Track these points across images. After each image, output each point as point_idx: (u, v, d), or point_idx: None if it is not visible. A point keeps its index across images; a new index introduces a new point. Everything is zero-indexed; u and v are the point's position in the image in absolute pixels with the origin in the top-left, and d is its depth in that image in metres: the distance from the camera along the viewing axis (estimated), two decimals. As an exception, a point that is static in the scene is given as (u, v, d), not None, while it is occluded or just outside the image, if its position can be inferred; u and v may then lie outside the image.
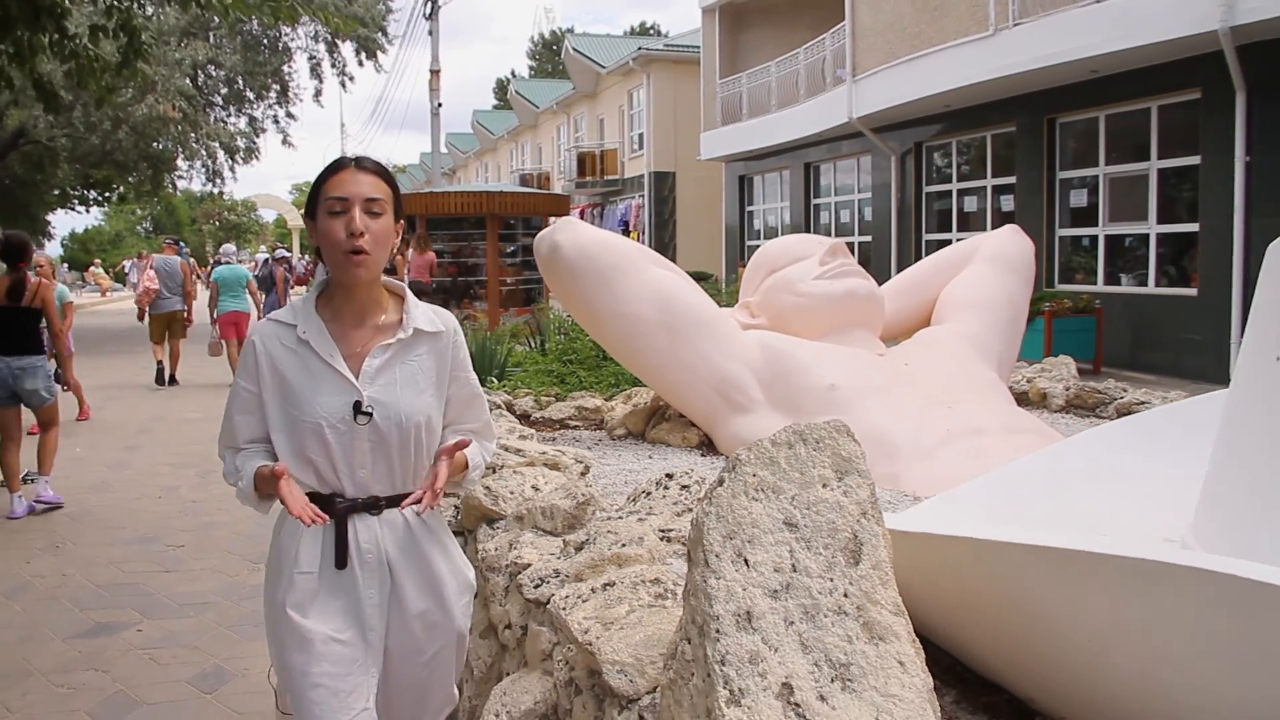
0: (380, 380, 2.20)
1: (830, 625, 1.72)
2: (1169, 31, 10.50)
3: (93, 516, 6.68)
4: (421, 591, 2.27)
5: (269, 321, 2.26)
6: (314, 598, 2.19)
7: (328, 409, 2.16)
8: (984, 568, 1.98)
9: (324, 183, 2.19)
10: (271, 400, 2.20)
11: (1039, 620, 1.89)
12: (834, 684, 1.67)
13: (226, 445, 2.29)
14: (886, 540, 1.83)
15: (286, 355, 2.20)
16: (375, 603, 2.22)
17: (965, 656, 2.28)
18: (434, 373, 2.28)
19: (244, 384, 2.23)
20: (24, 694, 3.97)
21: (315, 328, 2.21)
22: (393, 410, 2.19)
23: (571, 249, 4.79)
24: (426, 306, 2.33)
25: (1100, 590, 1.74)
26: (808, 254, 5.34)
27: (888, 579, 1.79)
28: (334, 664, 2.17)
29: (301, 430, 2.17)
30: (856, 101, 16.30)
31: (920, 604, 2.37)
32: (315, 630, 2.17)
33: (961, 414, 4.45)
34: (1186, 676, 1.68)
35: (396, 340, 2.23)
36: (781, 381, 4.65)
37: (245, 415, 2.24)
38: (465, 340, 2.41)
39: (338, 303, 2.25)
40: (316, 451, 2.18)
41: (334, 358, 2.18)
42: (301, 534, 2.20)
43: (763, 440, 1.87)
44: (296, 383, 2.18)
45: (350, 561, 2.20)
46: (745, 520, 1.80)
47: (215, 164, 25.26)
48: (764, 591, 1.74)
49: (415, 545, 2.27)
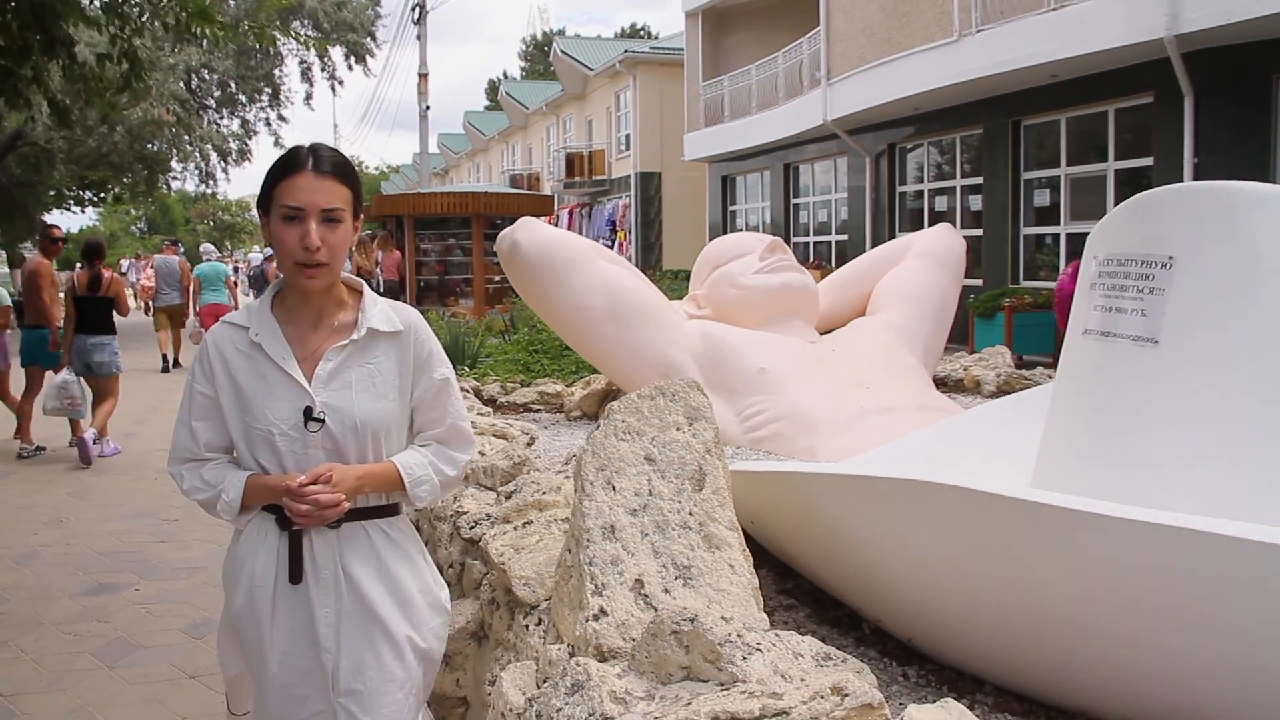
0: (334, 384, 2.09)
1: (676, 536, 2.22)
2: (1119, 39, 11.00)
3: (94, 495, 7.20)
4: (387, 610, 2.14)
5: (223, 323, 2.15)
6: (270, 611, 2.10)
7: (278, 415, 2.06)
8: (800, 496, 2.49)
9: (277, 183, 2.04)
10: (229, 406, 2.10)
11: (835, 534, 2.39)
12: (677, 580, 2.16)
13: (186, 458, 2.15)
14: (725, 472, 2.32)
15: (239, 358, 2.09)
16: (330, 622, 2.10)
17: (813, 577, 2.78)
18: (394, 374, 2.16)
19: (200, 388, 2.12)
20: (36, 640, 4.50)
21: (269, 330, 2.10)
22: (346, 416, 2.08)
23: (529, 246, 5.25)
24: (386, 304, 2.21)
25: (874, 508, 2.25)
26: (749, 250, 5.82)
27: (725, 502, 2.28)
28: (288, 675, 2.11)
29: (253, 437, 2.08)
30: (831, 104, 16.80)
31: (776, 535, 2.88)
32: (269, 644, 2.11)
33: (877, 394, 4.93)
34: (940, 575, 2.19)
35: (350, 341, 2.11)
36: (717, 366, 5.12)
37: (203, 421, 2.13)
38: (434, 335, 2.29)
39: (292, 303, 2.14)
40: (269, 460, 2.08)
41: (286, 361, 2.07)
42: (257, 546, 2.12)
43: (630, 394, 2.37)
44: (249, 388, 2.08)
45: (305, 577, 2.09)
46: (614, 456, 2.30)
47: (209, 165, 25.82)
48: (626, 510, 2.24)
49: (380, 562, 2.15)
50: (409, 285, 17.29)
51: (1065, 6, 11.66)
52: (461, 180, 50.54)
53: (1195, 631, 1.82)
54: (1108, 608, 1.91)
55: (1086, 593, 1.93)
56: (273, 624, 2.11)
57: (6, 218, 26.07)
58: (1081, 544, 1.90)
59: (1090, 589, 1.92)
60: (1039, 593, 2.01)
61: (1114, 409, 2.64)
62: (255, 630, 2.12)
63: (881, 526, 2.28)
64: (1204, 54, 10.76)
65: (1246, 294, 2.44)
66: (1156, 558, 1.82)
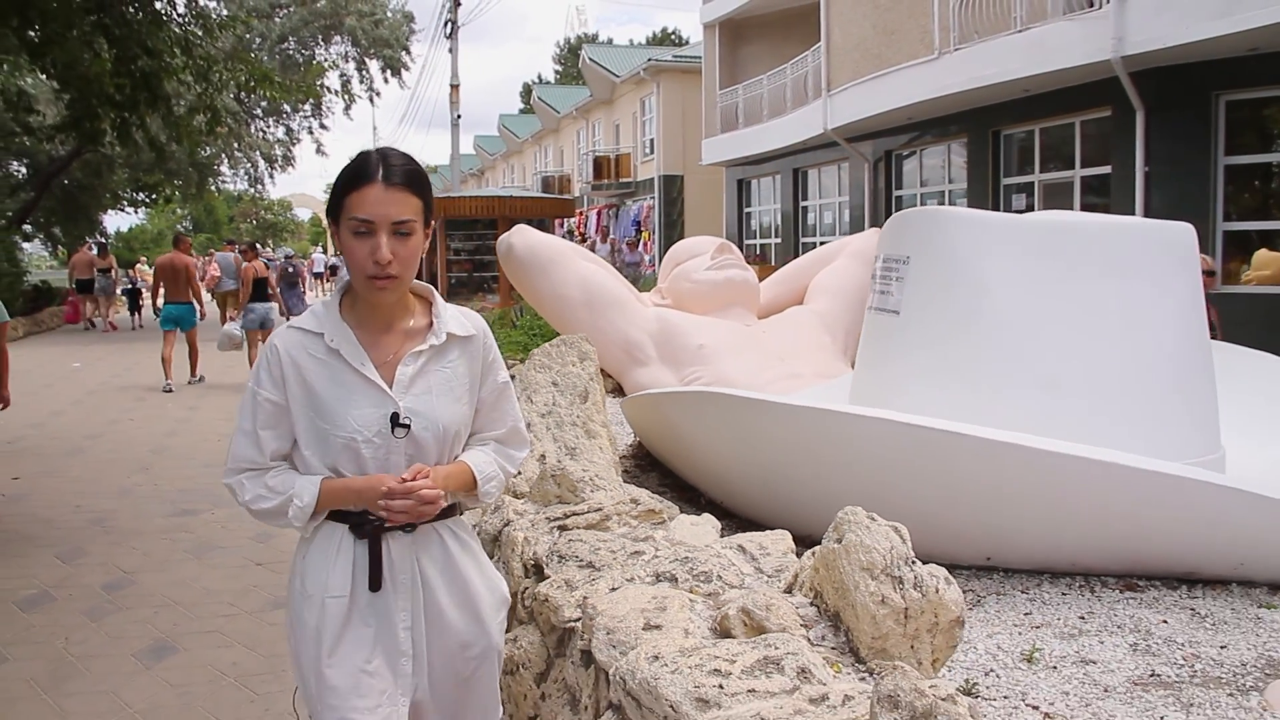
0: (415, 389, 2.07)
1: (568, 430, 3.57)
2: (1075, 59, 12.16)
3: (169, 451, 8.70)
4: (459, 610, 2.15)
5: (293, 330, 2.10)
6: (346, 625, 2.07)
7: (362, 422, 2.02)
8: (659, 414, 3.83)
9: (348, 194, 2.00)
10: (300, 413, 2.06)
11: (681, 440, 3.74)
12: (566, 456, 3.51)
13: (247, 467, 2.09)
14: (602, 392, 3.67)
15: (314, 365, 2.05)
16: (408, 625, 2.10)
17: (671, 468, 4.13)
18: (467, 378, 2.15)
19: (267, 395, 2.07)
20: (141, 542, 5.97)
21: (344, 335, 2.06)
22: (430, 420, 2.07)
23: (521, 248, 6.62)
24: (456, 309, 2.20)
25: (691, 414, 3.59)
26: (702, 251, 7.20)
27: (600, 409, 3.63)
28: (362, 697, 2.06)
29: (333, 445, 2.04)
30: (831, 114, 18.03)
31: (652, 442, 4.23)
32: (346, 661, 2.06)
33: (790, 365, 6.25)
34: (730, 458, 3.54)
35: (429, 346, 2.10)
36: (667, 343, 6.47)
37: (270, 430, 2.07)
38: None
39: (361, 309, 2.10)
40: (349, 467, 2.05)
41: (365, 367, 2.05)
42: (332, 557, 2.08)
43: (544, 345, 3.72)
44: (326, 395, 2.03)
45: (385, 584, 2.08)
46: (532, 381, 3.66)
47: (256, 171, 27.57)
48: (538, 414, 3.59)
49: (451, 562, 2.16)
50: (441, 282, 18.72)
51: (1029, 29, 12.85)
52: (497, 181, 52.06)
53: (889, 478, 3.16)
54: (837, 466, 3.25)
55: (819, 456, 3.27)
56: (348, 638, 2.07)
57: (70, 219, 27.96)
58: (815, 430, 3.24)
59: (822, 455, 3.26)
60: (798, 466, 3.35)
61: (878, 356, 3.97)
62: (328, 646, 2.07)
63: (691, 425, 3.62)
64: (1151, 73, 11.91)
65: (950, 281, 3.75)
66: (913, 453, 3.15)
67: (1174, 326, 3.72)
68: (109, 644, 4.40)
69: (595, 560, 2.63)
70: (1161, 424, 3.65)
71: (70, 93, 8.07)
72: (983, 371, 3.61)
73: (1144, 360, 3.66)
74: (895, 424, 3.10)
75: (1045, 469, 3.03)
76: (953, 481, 3.12)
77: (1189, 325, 3.76)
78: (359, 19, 24.82)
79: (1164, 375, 3.69)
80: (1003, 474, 3.06)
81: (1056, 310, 3.62)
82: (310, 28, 25.12)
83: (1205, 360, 3.82)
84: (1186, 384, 3.74)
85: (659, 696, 1.79)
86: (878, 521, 2.11)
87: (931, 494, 3.13)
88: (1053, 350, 3.62)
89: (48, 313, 22.69)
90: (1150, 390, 3.65)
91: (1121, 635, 2.93)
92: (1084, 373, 3.60)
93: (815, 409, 3.29)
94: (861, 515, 2.13)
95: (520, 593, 2.83)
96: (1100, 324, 3.62)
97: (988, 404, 3.55)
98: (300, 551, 2.14)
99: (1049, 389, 3.57)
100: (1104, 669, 2.69)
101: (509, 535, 3.03)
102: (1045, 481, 3.06)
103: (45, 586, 5.14)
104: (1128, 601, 3.18)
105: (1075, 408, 3.57)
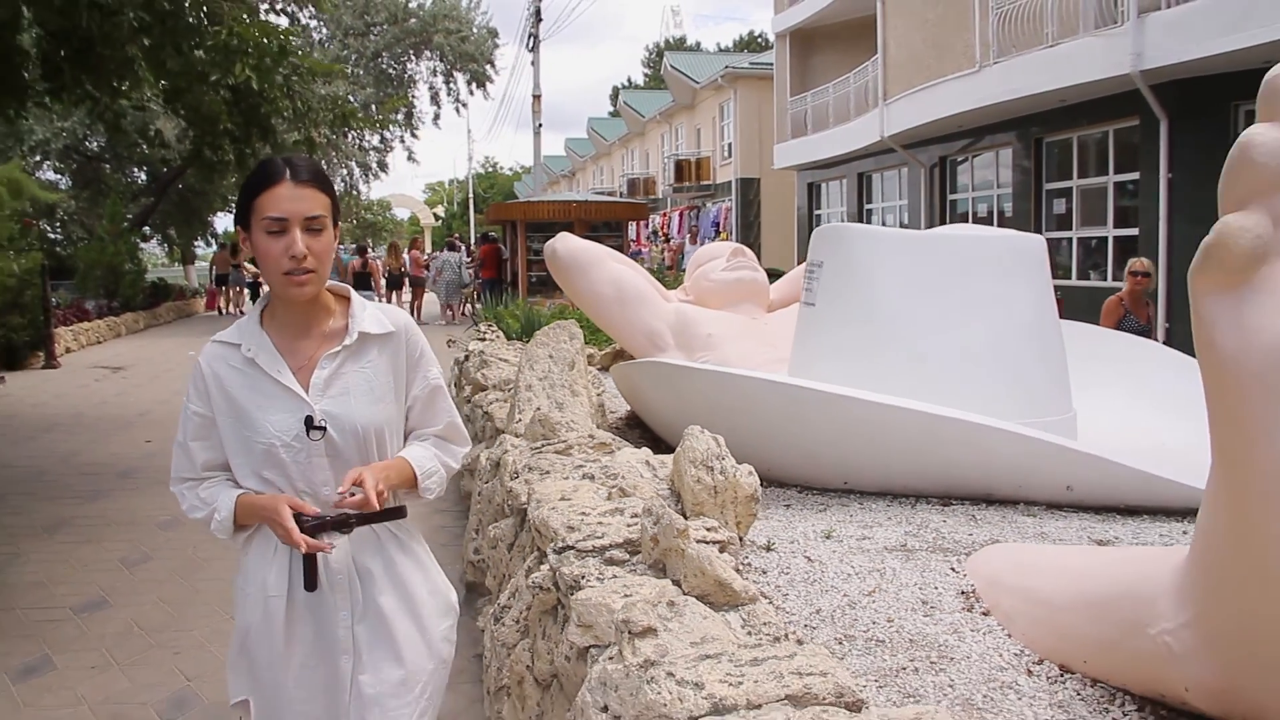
0: (332, 391, 2.10)
1: (557, 389, 4.83)
2: (1099, 73, 13.02)
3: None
4: (399, 613, 2.17)
5: (215, 343, 2.15)
6: (285, 624, 2.10)
7: (279, 427, 2.06)
8: (631, 380, 5.08)
9: (256, 196, 2.02)
10: (225, 423, 2.10)
11: (643, 398, 4.99)
12: (556, 408, 4.77)
13: (184, 477, 2.16)
14: (584, 359, 4.91)
15: (233, 375, 2.09)
16: (348, 624, 2.12)
17: (648, 422, 5.37)
18: (389, 376, 2.17)
19: (195, 408, 2.12)
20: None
21: (260, 344, 2.10)
22: (346, 421, 2.09)
23: (564, 252, 7.89)
24: (375, 306, 2.21)
25: (660, 385, 4.83)
26: (720, 255, 8.41)
27: (585, 373, 4.88)
28: (304, 689, 2.12)
29: (255, 451, 2.07)
30: (888, 122, 19.01)
31: (635, 403, 5.47)
32: (285, 657, 2.11)
33: (779, 351, 7.41)
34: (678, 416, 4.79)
35: (343, 347, 2.12)
36: (683, 333, 7.67)
37: (199, 441, 2.13)
38: (423, 335, 2.29)
39: (281, 315, 2.13)
40: (273, 472, 2.08)
41: (281, 373, 2.08)
42: (270, 556, 2.11)
43: (545, 327, 4.98)
44: (246, 403, 2.07)
45: (320, 583, 2.09)
46: (534, 355, 4.93)
47: (352, 179, 29.58)
48: (537, 377, 4.87)
49: (390, 563, 2.18)
50: (522, 282, 20.14)
51: (1059, 44, 13.73)
52: (587, 182, 53.63)
53: (774, 423, 4.37)
54: (738, 413, 4.47)
55: (729, 408, 4.49)
56: (289, 636, 2.11)
57: (184, 221, 30.25)
58: (723, 389, 4.46)
59: (731, 406, 4.48)
60: (714, 414, 4.57)
61: (801, 338, 5.16)
62: (269, 645, 2.12)
63: (648, 388, 4.85)
64: (1171, 85, 12.71)
65: (850, 280, 4.92)
66: (785, 404, 4.35)
67: (1027, 313, 4.81)
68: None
69: (550, 469, 3.88)
70: (1022, 389, 4.74)
71: (195, 130, 9.72)
72: (873, 350, 4.75)
73: (1003, 339, 4.76)
74: (773, 383, 4.29)
75: (879, 417, 4.19)
76: (812, 425, 4.29)
77: (1040, 312, 4.85)
78: (446, 35, 26.62)
79: (1021, 350, 4.79)
80: (848, 419, 4.22)
81: (931, 302, 4.75)
82: (402, 44, 27.02)
83: (1056, 338, 4.90)
84: (1040, 357, 4.83)
85: (547, 524, 3.03)
86: (705, 433, 3.32)
87: (802, 433, 4.31)
88: (928, 333, 4.74)
89: (165, 307, 24.65)
90: (1008, 362, 4.75)
91: (904, 527, 3.91)
92: (954, 349, 4.72)
93: (724, 373, 4.50)
94: (695, 429, 3.34)
95: (506, 494, 4.10)
96: (966, 313, 4.74)
97: (876, 374, 4.69)
98: (244, 550, 2.18)
99: (921, 361, 4.70)
100: (872, 543, 3.65)
101: (504, 459, 4.30)
102: (879, 425, 4.21)
103: (176, 515, 6.60)
104: (934, 511, 4.17)
105: (947, 376, 4.68)
